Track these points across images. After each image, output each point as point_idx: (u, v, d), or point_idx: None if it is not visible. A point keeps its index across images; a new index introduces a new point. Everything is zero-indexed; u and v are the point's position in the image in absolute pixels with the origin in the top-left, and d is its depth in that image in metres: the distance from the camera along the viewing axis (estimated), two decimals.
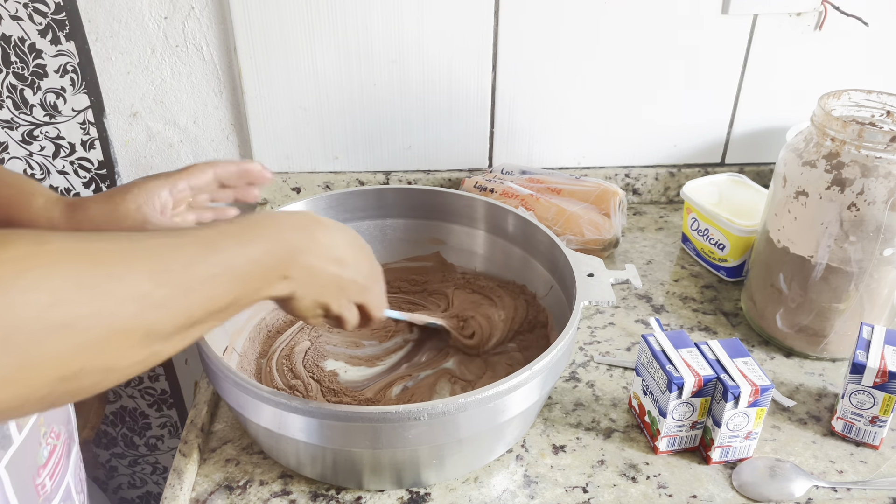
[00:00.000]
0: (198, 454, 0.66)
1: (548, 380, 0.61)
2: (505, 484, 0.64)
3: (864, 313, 0.73)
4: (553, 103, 1.01)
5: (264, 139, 1.01)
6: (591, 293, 0.66)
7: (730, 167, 1.07)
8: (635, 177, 1.06)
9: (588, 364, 0.77)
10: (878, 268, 0.70)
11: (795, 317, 0.76)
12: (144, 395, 1.26)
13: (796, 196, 0.71)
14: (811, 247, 0.72)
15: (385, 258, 0.85)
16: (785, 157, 0.74)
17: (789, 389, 0.74)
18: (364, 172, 1.03)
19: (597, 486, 0.63)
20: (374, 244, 0.86)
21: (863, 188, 0.67)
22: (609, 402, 0.72)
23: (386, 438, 0.55)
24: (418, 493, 0.63)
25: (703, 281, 0.91)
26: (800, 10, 0.95)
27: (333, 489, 0.63)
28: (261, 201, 1.04)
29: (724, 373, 0.62)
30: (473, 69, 0.97)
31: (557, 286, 0.75)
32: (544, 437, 0.68)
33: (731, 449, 0.64)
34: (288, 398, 0.54)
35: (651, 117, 1.03)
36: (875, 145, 0.66)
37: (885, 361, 0.63)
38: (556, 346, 0.59)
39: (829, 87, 0.75)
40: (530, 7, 0.93)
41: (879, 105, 0.71)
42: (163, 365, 1.23)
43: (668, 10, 0.94)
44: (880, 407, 0.64)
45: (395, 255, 0.86)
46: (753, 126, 1.05)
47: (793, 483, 0.63)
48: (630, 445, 0.67)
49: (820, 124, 0.69)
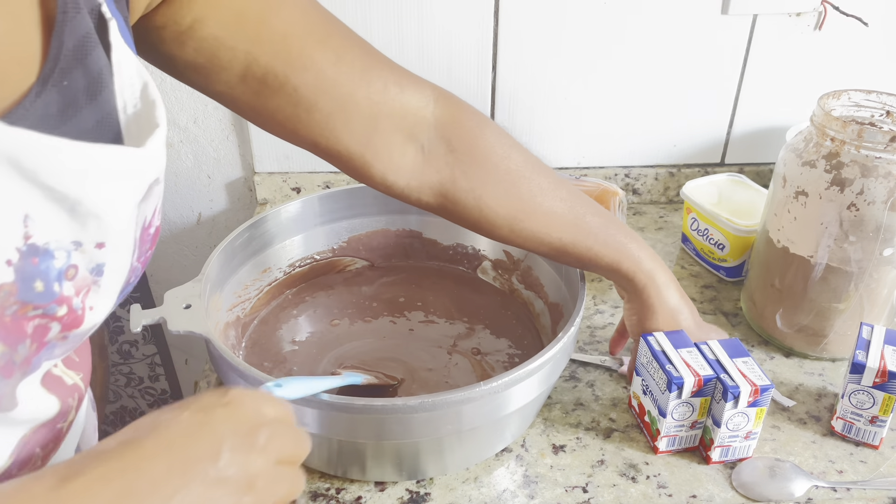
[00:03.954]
0: None
1: (551, 374, 0.62)
2: (505, 483, 0.64)
3: (864, 313, 0.73)
4: (553, 103, 1.01)
5: (264, 139, 1.01)
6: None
7: (729, 167, 1.07)
8: (635, 177, 1.06)
9: (588, 364, 0.77)
10: (878, 268, 0.70)
11: (795, 317, 0.76)
12: (144, 396, 1.26)
13: (796, 196, 0.71)
14: (811, 247, 0.72)
15: (386, 257, 0.85)
16: (785, 157, 0.74)
17: (789, 389, 0.74)
18: None
19: (597, 485, 0.63)
20: (376, 244, 0.86)
21: (862, 188, 0.67)
22: (609, 401, 0.72)
23: (389, 429, 0.56)
24: (418, 492, 0.63)
25: (703, 281, 0.91)
26: (800, 10, 0.95)
27: (333, 489, 0.63)
28: (260, 201, 1.04)
29: (724, 373, 0.62)
30: (473, 69, 0.97)
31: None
32: (544, 436, 0.68)
33: (730, 449, 0.64)
34: None
35: (651, 117, 1.03)
36: (875, 145, 0.66)
37: (884, 361, 0.63)
38: (559, 340, 0.60)
39: (829, 87, 0.75)
40: (530, 7, 0.93)
41: (879, 105, 0.71)
42: (163, 365, 1.23)
43: (668, 10, 0.94)
44: (880, 407, 0.64)
45: (395, 252, 0.86)
46: (753, 126, 1.05)
47: (792, 483, 0.63)
48: (630, 445, 0.67)
49: (820, 124, 0.69)
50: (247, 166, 1.05)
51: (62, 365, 0.49)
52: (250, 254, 0.77)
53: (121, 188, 0.39)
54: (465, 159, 0.58)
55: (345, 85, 0.53)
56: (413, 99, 0.56)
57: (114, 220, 0.39)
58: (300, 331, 0.78)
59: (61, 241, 0.37)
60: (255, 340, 0.76)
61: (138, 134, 0.41)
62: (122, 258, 0.42)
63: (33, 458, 0.47)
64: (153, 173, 0.42)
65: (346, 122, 0.54)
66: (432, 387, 0.71)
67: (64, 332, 0.40)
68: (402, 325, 0.79)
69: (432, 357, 0.74)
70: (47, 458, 0.49)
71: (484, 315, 0.80)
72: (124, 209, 0.40)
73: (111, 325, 1.18)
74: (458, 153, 0.58)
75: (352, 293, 0.83)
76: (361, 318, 0.80)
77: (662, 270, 0.65)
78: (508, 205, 0.60)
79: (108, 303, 0.43)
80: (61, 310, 0.38)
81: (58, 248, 0.37)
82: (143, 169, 0.41)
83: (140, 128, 0.41)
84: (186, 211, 1.08)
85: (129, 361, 1.22)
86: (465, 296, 0.83)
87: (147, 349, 1.21)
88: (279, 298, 0.82)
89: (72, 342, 0.43)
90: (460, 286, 0.85)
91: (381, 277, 0.86)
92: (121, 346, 1.20)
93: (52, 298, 0.38)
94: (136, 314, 0.63)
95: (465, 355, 0.75)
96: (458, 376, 0.72)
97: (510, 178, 0.60)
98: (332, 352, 0.75)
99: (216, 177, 1.06)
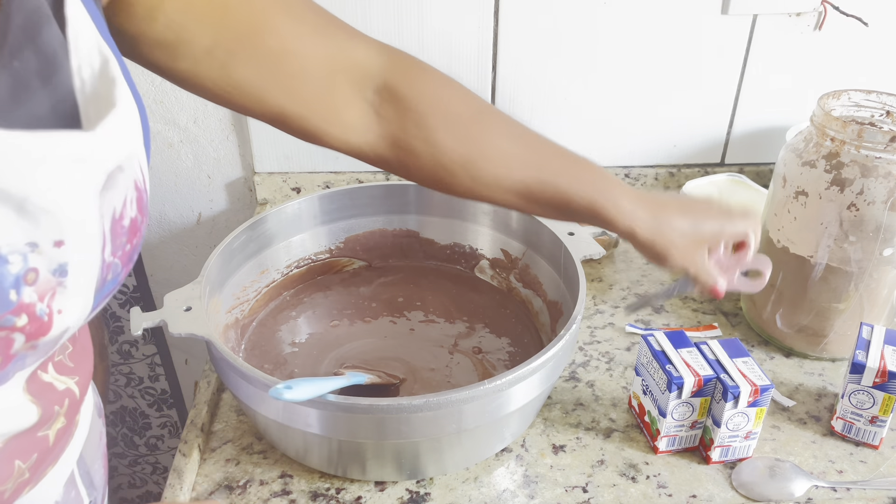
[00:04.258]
0: (198, 454, 0.66)
1: (553, 372, 0.62)
2: (505, 483, 0.64)
3: (864, 313, 0.73)
4: (553, 103, 1.01)
5: (264, 139, 1.01)
6: (581, 249, 0.72)
7: (729, 167, 1.07)
8: (635, 177, 1.06)
9: (588, 364, 0.77)
10: (878, 268, 0.70)
11: (795, 317, 0.76)
12: (144, 395, 1.26)
13: (796, 196, 0.71)
14: (811, 247, 0.72)
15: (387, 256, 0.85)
16: (785, 157, 0.74)
17: (789, 389, 0.74)
18: (364, 172, 1.03)
19: (596, 485, 0.63)
20: (373, 244, 0.86)
21: (862, 188, 0.67)
22: (609, 401, 0.72)
23: (390, 429, 0.56)
24: (418, 492, 0.63)
25: None
26: (800, 10, 0.95)
27: (333, 489, 0.63)
28: (260, 201, 1.04)
29: (724, 373, 0.62)
30: (473, 69, 0.97)
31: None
32: (544, 436, 0.68)
33: (730, 449, 0.64)
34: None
35: (651, 117, 1.03)
36: (875, 145, 0.66)
37: (884, 361, 0.63)
38: (561, 338, 0.60)
39: (829, 87, 0.75)
40: (530, 7, 0.93)
41: (879, 105, 0.71)
42: (163, 365, 1.23)
43: (667, 10, 0.94)
44: (880, 407, 0.64)
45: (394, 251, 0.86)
46: (753, 126, 1.05)
47: (792, 483, 0.63)
48: (630, 445, 0.67)
49: (820, 124, 0.69)
50: (247, 166, 1.05)
51: (53, 370, 0.47)
52: (248, 255, 0.77)
53: (72, 178, 0.36)
54: (416, 106, 0.58)
55: (307, 46, 0.53)
56: (363, 53, 0.57)
57: (69, 213, 0.36)
58: (299, 332, 0.78)
59: (14, 244, 0.34)
60: (255, 342, 0.76)
61: (96, 117, 0.38)
62: (89, 255, 0.39)
63: (16, 471, 0.45)
64: (112, 160, 0.39)
65: (308, 82, 0.54)
66: (434, 386, 0.71)
67: (31, 341, 0.37)
68: (402, 325, 0.79)
69: (434, 357, 0.75)
70: (37, 469, 0.47)
71: (483, 314, 0.80)
72: (80, 201, 0.37)
73: (111, 326, 1.18)
74: (408, 100, 0.57)
75: (350, 294, 0.83)
76: (361, 318, 0.80)
77: (644, 206, 0.58)
78: (463, 148, 0.58)
79: (83, 303, 0.40)
80: (20, 320, 0.36)
81: (11, 251, 0.34)
82: (98, 155, 0.37)
83: (98, 110, 0.38)
84: (186, 211, 1.08)
85: (129, 361, 1.22)
86: (463, 295, 0.83)
87: (147, 349, 1.21)
88: (277, 300, 0.82)
89: (43, 349, 0.40)
90: (458, 285, 0.85)
91: (378, 278, 0.86)
92: (121, 347, 1.20)
93: (8, 309, 0.35)
94: (137, 317, 0.63)
95: (466, 354, 0.75)
96: (460, 375, 0.72)
97: (462, 120, 0.59)
98: (332, 352, 0.75)
99: (216, 177, 1.06)
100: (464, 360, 0.74)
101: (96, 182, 0.38)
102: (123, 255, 0.43)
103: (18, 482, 0.45)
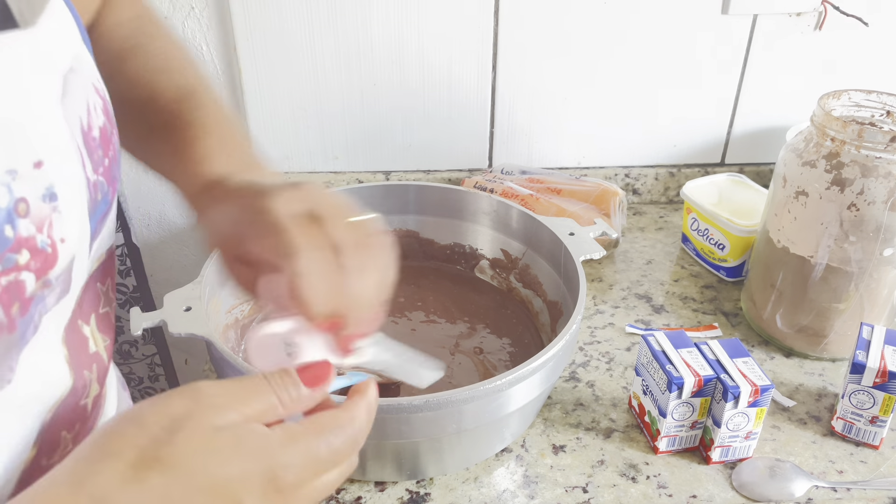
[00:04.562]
0: None
1: (553, 372, 0.62)
2: (505, 484, 0.64)
3: (864, 313, 0.73)
4: (553, 103, 1.01)
5: (264, 139, 1.00)
6: (581, 249, 0.72)
7: (730, 167, 1.07)
8: (635, 177, 1.06)
9: (588, 364, 0.77)
10: (878, 268, 0.70)
11: (795, 317, 0.76)
12: (144, 396, 1.26)
13: (796, 196, 0.71)
14: (811, 247, 0.72)
15: None
16: (785, 157, 0.74)
17: (789, 389, 0.74)
18: (364, 172, 1.03)
19: (597, 486, 0.63)
20: None
21: (863, 188, 0.67)
22: (609, 402, 0.72)
23: (390, 429, 0.56)
24: (418, 492, 0.63)
25: (703, 281, 0.91)
26: (800, 10, 0.95)
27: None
28: None
29: (724, 373, 0.62)
30: (473, 69, 0.97)
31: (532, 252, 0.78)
32: (544, 436, 0.68)
33: (730, 449, 0.64)
34: None
35: (651, 117, 1.03)
36: (875, 145, 0.66)
37: (884, 361, 0.63)
38: (562, 338, 0.60)
39: (829, 87, 0.75)
40: (530, 7, 0.93)
41: (879, 105, 0.71)
42: (163, 365, 1.23)
43: (667, 10, 0.94)
44: (880, 407, 0.64)
45: None
46: (753, 126, 1.05)
47: (793, 483, 0.63)
48: (630, 445, 0.67)
49: (820, 124, 0.69)
50: None
51: (95, 323, 0.45)
52: None
53: (26, 86, 0.34)
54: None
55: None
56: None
57: (38, 127, 0.34)
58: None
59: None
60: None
61: (31, 14, 0.35)
62: (72, 173, 0.37)
63: (62, 442, 0.43)
64: (62, 60, 0.36)
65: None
66: (435, 386, 0.70)
67: (42, 277, 0.35)
68: (403, 325, 0.79)
69: (435, 357, 0.74)
70: (77, 440, 0.45)
71: (484, 314, 0.80)
72: (43, 111, 0.35)
73: None
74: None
75: None
76: None
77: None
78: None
79: (81, 229, 0.38)
80: (21, 257, 0.33)
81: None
82: (45, 53, 0.35)
83: (32, 6, 0.35)
84: (186, 211, 1.08)
85: (129, 361, 1.22)
86: (464, 295, 0.83)
87: (147, 349, 1.21)
88: None
89: (59, 285, 0.38)
90: (459, 285, 0.85)
91: None
92: (121, 347, 1.20)
93: (7, 246, 0.33)
94: (136, 317, 0.63)
95: (467, 355, 0.75)
96: (462, 376, 0.72)
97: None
98: None
99: None
100: (465, 361, 0.74)
101: (53, 87, 0.36)
102: (105, 172, 0.41)
103: (63, 454, 0.44)
